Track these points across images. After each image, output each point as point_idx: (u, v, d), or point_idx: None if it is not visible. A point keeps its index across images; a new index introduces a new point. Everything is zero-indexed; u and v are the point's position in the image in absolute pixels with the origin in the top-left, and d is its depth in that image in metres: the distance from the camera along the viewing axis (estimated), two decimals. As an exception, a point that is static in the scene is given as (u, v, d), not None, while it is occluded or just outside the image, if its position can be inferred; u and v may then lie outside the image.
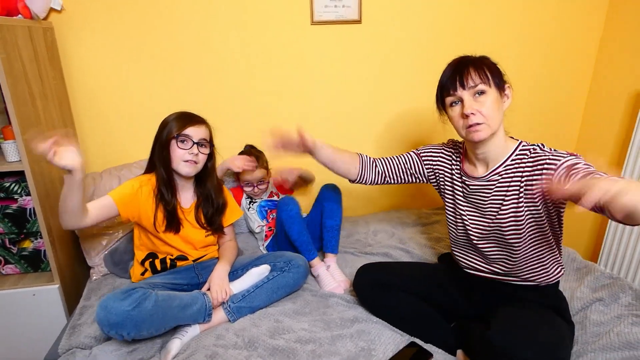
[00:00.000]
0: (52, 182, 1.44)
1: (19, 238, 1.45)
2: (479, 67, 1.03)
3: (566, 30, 1.93)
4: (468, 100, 1.02)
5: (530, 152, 1.04)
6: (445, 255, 1.41)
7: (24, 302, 1.42)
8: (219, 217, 1.39)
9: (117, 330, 1.05)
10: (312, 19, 1.71)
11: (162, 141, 1.24)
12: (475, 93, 1.02)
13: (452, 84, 1.04)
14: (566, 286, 1.33)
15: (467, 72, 1.02)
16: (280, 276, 1.32)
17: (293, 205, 1.48)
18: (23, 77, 1.31)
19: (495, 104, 1.02)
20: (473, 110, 1.01)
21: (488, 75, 1.02)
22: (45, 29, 1.47)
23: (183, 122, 1.25)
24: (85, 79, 1.62)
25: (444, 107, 1.11)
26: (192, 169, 1.26)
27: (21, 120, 1.27)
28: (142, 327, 1.07)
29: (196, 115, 1.30)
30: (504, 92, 1.06)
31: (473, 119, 1.01)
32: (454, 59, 1.09)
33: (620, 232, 1.76)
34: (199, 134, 1.26)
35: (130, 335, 1.07)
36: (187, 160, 1.24)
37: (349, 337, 1.15)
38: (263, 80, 1.77)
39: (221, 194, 1.41)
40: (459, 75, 1.03)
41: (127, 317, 1.04)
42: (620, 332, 1.08)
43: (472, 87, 1.02)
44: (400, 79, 1.88)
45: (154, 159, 1.28)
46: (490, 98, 1.02)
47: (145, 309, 1.07)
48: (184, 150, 1.24)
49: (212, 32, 1.67)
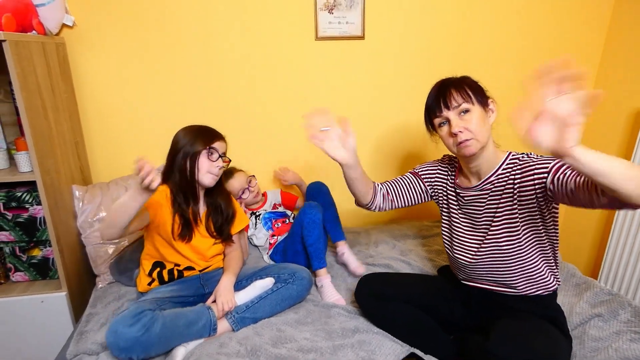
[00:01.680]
0: (61, 193, 1.48)
1: (28, 246, 1.49)
2: (459, 87, 1.08)
3: (566, 47, 1.96)
4: (454, 119, 1.07)
5: (519, 160, 1.08)
6: (444, 267, 1.43)
7: (32, 309, 1.45)
8: (228, 227, 1.43)
9: (127, 354, 1.08)
10: (316, 34, 1.76)
11: (190, 153, 1.28)
12: (460, 112, 1.07)
13: (438, 105, 1.09)
14: (565, 301, 1.34)
15: (449, 93, 1.08)
16: (284, 288, 1.34)
17: (317, 211, 1.51)
18: (37, 91, 1.35)
19: (481, 120, 1.07)
20: (460, 128, 1.06)
21: (470, 94, 1.07)
22: (57, 44, 1.52)
23: (212, 136, 1.32)
24: (94, 92, 1.67)
25: (433, 128, 1.16)
26: (214, 180, 1.32)
27: (34, 132, 1.32)
28: (151, 350, 1.11)
29: (216, 131, 1.36)
30: (487, 107, 1.10)
31: (462, 137, 1.06)
32: (436, 82, 1.14)
33: (620, 249, 1.77)
34: (223, 148, 1.34)
35: (140, 357, 1.10)
36: (211, 172, 1.30)
37: (350, 347, 1.17)
38: (267, 93, 1.81)
39: (231, 204, 1.45)
40: (442, 97, 1.09)
41: (136, 342, 1.07)
42: (619, 348, 1.09)
43: (456, 107, 1.07)
44: (400, 94, 1.92)
45: (173, 169, 1.31)
46: (475, 115, 1.06)
47: (154, 333, 1.10)
48: (211, 162, 1.30)
49: (219, 47, 1.71)
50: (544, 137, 0.70)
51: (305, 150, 1.91)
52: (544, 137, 0.70)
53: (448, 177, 1.25)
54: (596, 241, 2.04)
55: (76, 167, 1.62)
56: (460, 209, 1.20)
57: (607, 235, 1.89)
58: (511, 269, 1.12)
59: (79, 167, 1.64)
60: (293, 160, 1.93)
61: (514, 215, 1.08)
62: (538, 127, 0.70)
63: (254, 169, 1.89)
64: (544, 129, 0.70)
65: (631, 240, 1.72)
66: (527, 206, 1.06)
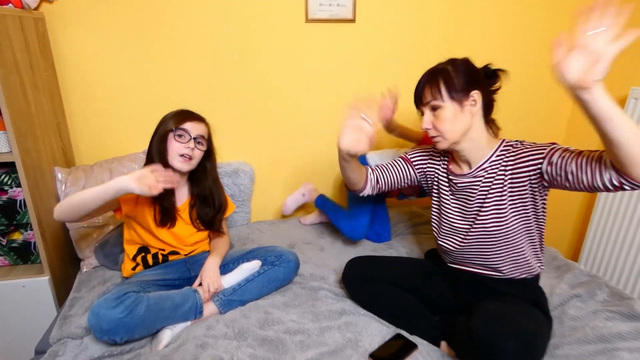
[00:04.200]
0: (42, 175, 1.44)
1: (8, 230, 1.45)
2: (433, 83, 1.08)
3: (556, 30, 1.97)
4: (427, 114, 1.11)
5: (512, 147, 1.09)
6: (431, 250, 1.45)
7: (13, 294, 1.42)
8: (220, 217, 1.41)
9: (110, 336, 1.07)
10: (306, 16, 1.73)
11: (160, 134, 1.26)
12: (431, 108, 1.10)
13: (415, 99, 1.14)
14: (546, 283, 1.38)
15: (422, 89, 1.11)
16: (271, 270, 1.34)
17: None
18: (14, 68, 1.30)
19: (452, 117, 1.07)
20: (428, 125, 1.10)
21: (441, 90, 1.07)
22: (36, 19, 1.45)
23: (182, 117, 1.28)
24: (76, 70, 1.61)
25: None
26: (186, 165, 1.27)
27: (12, 111, 1.27)
28: (135, 331, 1.10)
29: (196, 113, 1.32)
30: (467, 100, 1.07)
31: (430, 133, 1.11)
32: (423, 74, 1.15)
33: (600, 234, 1.83)
34: (197, 130, 1.28)
35: (123, 339, 1.09)
36: (182, 155, 1.25)
37: (336, 328, 1.18)
38: (256, 75, 1.78)
39: (222, 194, 1.42)
40: (417, 91, 1.13)
41: (119, 324, 1.06)
42: (595, 326, 1.13)
43: (427, 103, 1.10)
44: (391, 78, 1.91)
45: (151, 153, 1.29)
46: (445, 112, 1.07)
47: (138, 315, 1.08)
48: (180, 144, 1.25)
49: (207, 27, 1.67)
50: (572, 69, 0.73)
51: (298, 132, 1.90)
52: (572, 68, 0.73)
53: (440, 163, 1.25)
54: (577, 226, 2.10)
55: (58, 148, 1.57)
56: (452, 194, 1.21)
57: (587, 221, 1.95)
58: (497, 254, 1.14)
59: (61, 148, 1.60)
60: (282, 145, 1.91)
61: (503, 202, 1.09)
62: (570, 59, 0.73)
63: (243, 153, 1.87)
64: (575, 61, 0.73)
65: (610, 225, 1.78)
66: (518, 193, 1.07)
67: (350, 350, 1.10)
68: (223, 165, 1.76)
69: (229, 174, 1.77)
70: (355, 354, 1.09)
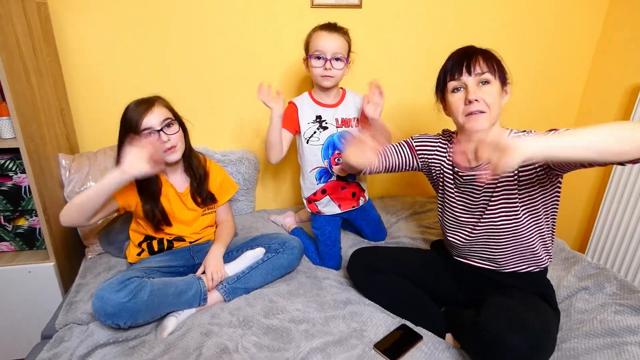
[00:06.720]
0: (47, 161, 1.43)
1: (13, 216, 1.45)
2: (487, 56, 1.03)
3: (566, 22, 1.93)
4: (472, 87, 1.02)
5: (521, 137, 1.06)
6: (437, 242, 1.43)
7: (19, 280, 1.43)
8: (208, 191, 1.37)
9: (114, 320, 1.07)
10: (312, 1, 1.69)
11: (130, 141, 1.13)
12: (480, 82, 1.02)
13: (459, 68, 1.03)
14: (554, 275, 1.37)
15: (476, 59, 1.02)
16: (275, 258, 1.34)
17: None
18: (17, 53, 1.28)
19: (498, 96, 1.03)
20: (477, 96, 1.01)
21: (495, 67, 1.02)
22: (39, 3, 1.43)
23: (136, 118, 1.17)
24: (79, 56, 1.59)
25: (443, 94, 1.11)
26: (174, 154, 1.24)
27: (16, 97, 1.26)
28: (138, 316, 1.10)
29: (146, 99, 1.22)
30: (505, 87, 1.06)
31: (476, 106, 1.01)
32: (462, 47, 1.08)
33: (609, 225, 1.80)
34: (158, 117, 1.19)
35: (127, 324, 1.09)
36: (165, 151, 1.21)
37: (341, 318, 1.18)
38: (261, 62, 1.75)
39: (201, 166, 1.36)
40: (467, 60, 1.02)
41: (123, 309, 1.06)
42: (604, 319, 1.12)
43: (478, 74, 1.01)
44: (398, 66, 1.87)
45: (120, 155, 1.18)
46: (494, 89, 1.02)
47: (141, 300, 1.08)
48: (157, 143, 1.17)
49: (210, 12, 1.64)
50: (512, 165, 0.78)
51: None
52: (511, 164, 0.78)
53: (446, 155, 1.20)
54: (585, 217, 2.07)
55: (62, 134, 1.57)
56: (457, 188, 1.18)
57: (595, 212, 1.92)
58: (505, 249, 1.12)
59: (65, 134, 1.59)
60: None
61: (513, 195, 1.06)
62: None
63: (248, 142, 1.86)
64: None
65: (619, 216, 1.75)
66: (527, 184, 1.04)
67: (356, 340, 1.10)
68: (227, 154, 1.75)
69: (233, 162, 1.75)
70: (360, 344, 1.08)
